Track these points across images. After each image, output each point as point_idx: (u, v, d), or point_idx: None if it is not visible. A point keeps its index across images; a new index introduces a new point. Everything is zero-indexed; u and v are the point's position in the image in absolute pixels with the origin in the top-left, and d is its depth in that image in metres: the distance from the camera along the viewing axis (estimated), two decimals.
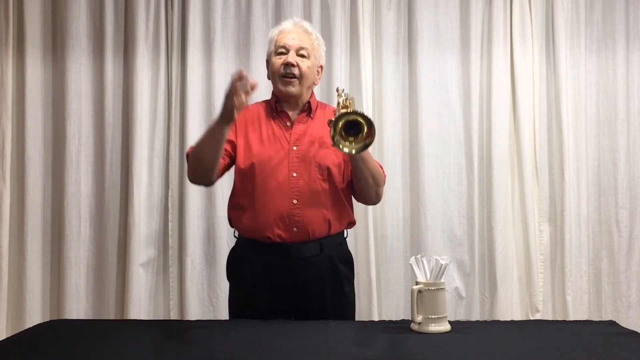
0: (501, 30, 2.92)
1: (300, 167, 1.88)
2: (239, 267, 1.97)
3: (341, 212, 1.94)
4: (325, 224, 1.89)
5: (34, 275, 2.82)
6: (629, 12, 2.96)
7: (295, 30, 1.95)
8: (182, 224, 2.85)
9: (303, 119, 1.95)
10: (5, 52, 2.82)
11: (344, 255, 1.99)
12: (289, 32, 1.94)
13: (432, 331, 1.57)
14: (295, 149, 1.90)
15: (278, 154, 1.89)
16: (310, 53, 1.93)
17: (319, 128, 1.93)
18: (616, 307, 2.91)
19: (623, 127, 2.94)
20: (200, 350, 1.45)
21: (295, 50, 1.91)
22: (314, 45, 1.96)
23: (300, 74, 1.91)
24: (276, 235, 1.86)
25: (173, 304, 2.87)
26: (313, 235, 1.88)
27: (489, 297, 2.89)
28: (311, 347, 1.45)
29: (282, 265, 1.88)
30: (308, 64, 1.92)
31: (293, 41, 1.92)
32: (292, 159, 1.89)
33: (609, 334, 1.57)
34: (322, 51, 2.01)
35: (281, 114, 1.96)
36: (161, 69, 2.87)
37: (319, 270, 1.90)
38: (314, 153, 1.89)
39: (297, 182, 1.86)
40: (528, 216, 2.89)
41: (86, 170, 2.86)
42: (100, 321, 1.91)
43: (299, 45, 1.91)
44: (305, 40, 1.94)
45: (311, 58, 1.94)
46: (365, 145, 1.62)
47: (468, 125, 2.91)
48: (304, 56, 1.92)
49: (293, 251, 1.87)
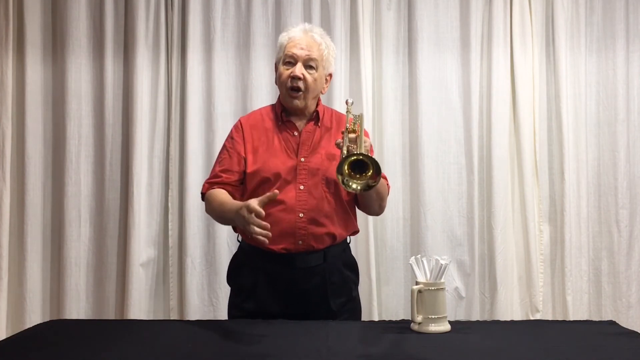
0: (501, 30, 2.92)
1: (308, 180, 1.86)
2: (240, 273, 1.97)
3: (346, 223, 1.94)
4: (330, 236, 1.89)
5: (34, 275, 2.82)
6: (629, 12, 2.96)
7: (305, 40, 1.89)
8: (182, 224, 2.85)
9: (310, 128, 1.93)
10: (5, 52, 2.83)
11: (348, 262, 1.99)
12: (298, 41, 1.89)
13: (432, 331, 1.56)
14: (303, 160, 1.88)
15: (286, 165, 1.87)
16: (318, 64, 1.89)
17: (326, 138, 1.92)
18: (616, 307, 2.91)
19: (623, 127, 2.94)
20: (200, 350, 1.44)
21: (303, 61, 1.87)
22: (323, 55, 1.91)
23: (306, 87, 1.88)
24: (281, 248, 1.85)
25: (173, 304, 2.87)
26: (317, 247, 1.87)
27: (489, 297, 2.89)
28: (311, 347, 1.45)
29: (285, 273, 1.87)
30: (315, 76, 1.89)
31: (302, 51, 1.87)
32: (300, 172, 1.87)
33: (609, 334, 1.57)
34: (332, 59, 1.96)
35: (288, 124, 1.94)
36: (161, 69, 2.87)
37: (323, 278, 1.90)
38: (320, 166, 1.87)
39: (304, 196, 1.85)
40: (528, 216, 2.89)
41: (86, 170, 2.86)
42: (100, 321, 1.91)
43: (307, 56, 1.87)
44: (315, 50, 1.89)
45: (319, 69, 1.90)
46: (369, 186, 1.62)
47: (468, 125, 2.90)
48: (311, 67, 1.88)
49: (298, 261, 1.87)
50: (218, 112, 2.86)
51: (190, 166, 2.83)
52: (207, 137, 2.86)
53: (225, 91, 2.88)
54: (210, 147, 2.85)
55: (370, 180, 1.62)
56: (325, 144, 1.91)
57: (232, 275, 2.02)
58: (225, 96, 2.88)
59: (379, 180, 1.63)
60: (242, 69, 2.89)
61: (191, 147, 2.84)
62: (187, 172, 2.83)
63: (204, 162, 2.85)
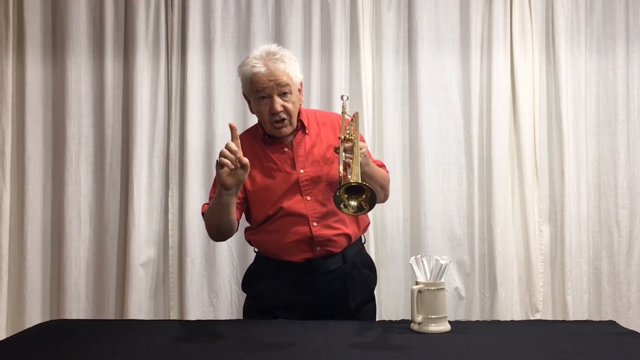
0: (501, 30, 2.92)
1: (313, 189, 1.87)
2: (259, 281, 1.96)
3: (357, 220, 1.94)
4: (346, 237, 1.90)
5: (34, 275, 2.82)
6: (629, 12, 2.96)
7: (269, 70, 1.81)
8: (182, 224, 2.85)
9: (300, 139, 1.91)
10: (5, 52, 2.82)
11: (365, 261, 2.01)
12: (263, 74, 1.80)
13: (432, 331, 1.56)
14: (303, 172, 1.88)
15: (287, 182, 1.87)
16: (291, 87, 1.83)
17: (318, 143, 1.91)
18: (616, 307, 2.91)
19: (623, 127, 2.94)
20: (200, 350, 1.44)
21: (277, 93, 1.82)
22: (290, 74, 1.83)
23: (289, 114, 1.84)
24: (301, 258, 1.86)
25: (173, 304, 2.87)
26: (336, 250, 1.89)
27: (489, 297, 2.89)
28: (311, 347, 1.45)
29: (306, 279, 1.88)
30: (293, 99, 1.85)
31: (270, 83, 1.80)
32: (302, 183, 1.87)
33: (609, 334, 1.57)
34: (297, 68, 1.88)
35: (274, 143, 1.91)
36: (161, 69, 2.87)
37: (344, 280, 1.91)
38: (321, 173, 1.88)
39: (313, 205, 1.86)
40: (528, 216, 2.89)
41: (86, 170, 2.86)
42: (100, 321, 1.91)
43: (277, 85, 1.81)
44: (281, 74, 1.81)
45: (293, 91, 1.84)
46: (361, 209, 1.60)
47: (468, 125, 2.90)
48: (285, 93, 1.82)
49: (318, 267, 1.87)
50: (218, 112, 2.86)
51: (190, 166, 2.83)
52: (207, 137, 2.86)
53: (225, 91, 2.88)
54: (210, 147, 2.85)
55: (363, 203, 1.60)
56: (319, 150, 1.90)
57: (248, 284, 2.01)
58: (225, 96, 2.88)
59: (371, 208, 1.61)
60: None
61: (191, 147, 2.84)
62: (187, 172, 2.83)
63: (204, 162, 2.85)
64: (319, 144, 1.91)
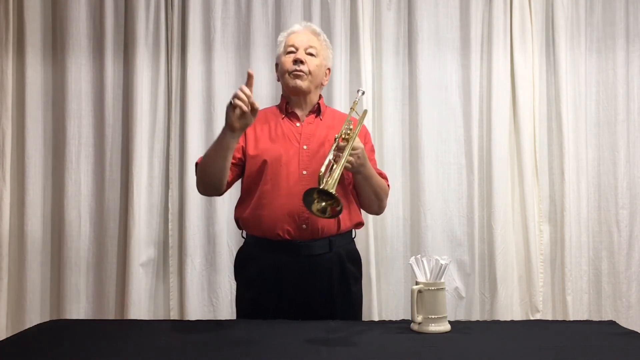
0: (501, 30, 2.92)
1: (311, 166, 1.89)
2: (247, 266, 1.98)
3: (350, 211, 1.95)
4: (335, 222, 1.90)
5: (34, 275, 2.82)
6: (629, 12, 2.96)
7: (304, 32, 2.00)
8: (182, 224, 2.85)
9: (312, 120, 1.99)
10: (5, 52, 2.83)
11: (352, 255, 2.00)
12: (297, 34, 1.99)
13: (432, 331, 1.57)
14: (306, 147, 1.92)
15: (288, 152, 1.91)
16: (318, 53, 1.98)
17: (329, 131, 1.95)
18: (616, 307, 2.91)
19: (623, 127, 2.94)
20: (200, 350, 1.44)
21: (304, 48, 1.96)
22: (322, 45, 2.01)
23: (309, 71, 1.95)
24: (285, 231, 1.87)
25: (173, 304, 2.87)
26: (322, 233, 1.89)
27: (489, 297, 2.89)
28: (311, 347, 1.45)
29: (291, 263, 1.88)
30: (317, 62, 1.97)
31: (302, 41, 1.97)
32: (302, 157, 1.90)
33: (609, 334, 1.57)
34: (329, 53, 2.06)
35: (290, 115, 1.99)
36: (161, 69, 2.87)
37: (328, 268, 1.91)
38: (323, 153, 1.89)
39: (308, 180, 1.87)
40: (528, 216, 2.89)
41: (86, 170, 2.86)
42: (100, 321, 1.91)
43: (307, 44, 1.96)
44: (314, 40, 1.99)
45: (319, 57, 1.98)
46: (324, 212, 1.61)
47: (468, 125, 2.91)
48: (312, 54, 1.96)
49: (302, 249, 1.88)
50: (218, 112, 2.85)
51: (190, 166, 2.83)
52: (207, 137, 2.86)
53: (225, 91, 2.88)
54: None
55: (330, 209, 1.60)
56: (327, 135, 1.94)
57: (238, 269, 2.04)
58: (225, 96, 2.87)
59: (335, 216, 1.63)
60: (242, 69, 2.89)
61: (191, 147, 2.84)
62: (187, 172, 2.83)
63: None
64: (328, 132, 1.95)
